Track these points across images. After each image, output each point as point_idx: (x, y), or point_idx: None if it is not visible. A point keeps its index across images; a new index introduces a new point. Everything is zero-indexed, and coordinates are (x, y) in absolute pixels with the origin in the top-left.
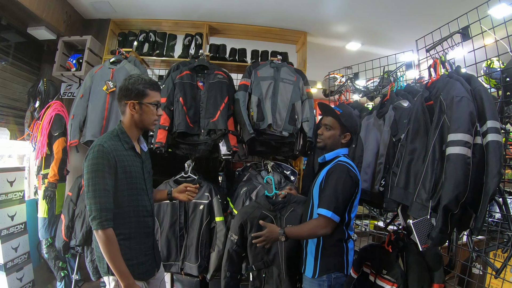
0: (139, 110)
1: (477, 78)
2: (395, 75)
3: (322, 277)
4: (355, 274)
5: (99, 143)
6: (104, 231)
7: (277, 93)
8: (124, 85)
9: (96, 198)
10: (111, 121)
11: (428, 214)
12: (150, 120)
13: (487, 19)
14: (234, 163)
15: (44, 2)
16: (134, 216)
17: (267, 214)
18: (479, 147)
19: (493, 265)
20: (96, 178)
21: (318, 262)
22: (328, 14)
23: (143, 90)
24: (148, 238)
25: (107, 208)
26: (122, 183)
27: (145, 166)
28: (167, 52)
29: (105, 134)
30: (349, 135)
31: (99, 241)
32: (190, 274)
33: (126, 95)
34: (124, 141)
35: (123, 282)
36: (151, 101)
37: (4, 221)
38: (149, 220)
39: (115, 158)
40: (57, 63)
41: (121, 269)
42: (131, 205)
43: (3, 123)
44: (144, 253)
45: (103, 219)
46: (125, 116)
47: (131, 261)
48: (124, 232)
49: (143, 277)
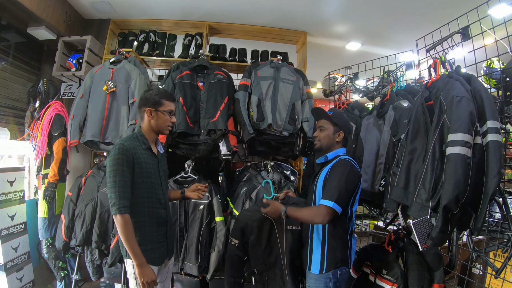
0: (155, 116)
1: (477, 78)
2: (395, 75)
3: (329, 274)
4: (355, 274)
5: (120, 142)
6: (122, 216)
7: (277, 93)
8: (144, 96)
9: (116, 187)
10: (111, 121)
11: (428, 214)
12: (164, 125)
13: (487, 19)
14: (234, 163)
15: (44, 2)
16: (148, 207)
17: (267, 217)
18: (479, 147)
19: (493, 265)
20: (116, 171)
21: (325, 256)
22: (328, 14)
23: (159, 100)
24: (162, 227)
25: (125, 196)
26: (139, 177)
27: (161, 165)
28: (167, 52)
29: (126, 136)
30: (342, 133)
31: (117, 225)
32: (190, 274)
33: (145, 103)
34: (142, 142)
35: (136, 261)
36: (165, 109)
37: (4, 221)
38: (162, 212)
39: (133, 155)
40: (57, 63)
41: (135, 250)
42: (146, 196)
43: (3, 123)
44: (157, 240)
45: (121, 206)
46: (144, 122)
47: (144, 246)
48: (139, 220)
49: (155, 262)
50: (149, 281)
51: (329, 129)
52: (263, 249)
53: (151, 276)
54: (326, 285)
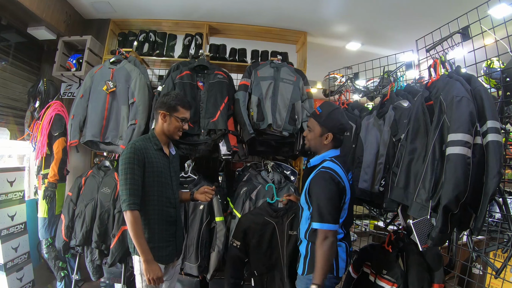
0: (168, 120)
1: (477, 78)
2: (395, 75)
3: (310, 275)
4: (355, 274)
5: (132, 142)
6: (131, 212)
7: (277, 93)
8: (162, 99)
9: (127, 185)
10: (111, 121)
11: (428, 214)
12: (175, 131)
13: (487, 19)
14: (234, 163)
15: (44, 2)
16: (158, 205)
17: (269, 221)
18: (479, 147)
19: (493, 265)
20: (127, 169)
21: (308, 260)
22: (328, 14)
23: (175, 105)
24: (171, 226)
25: (135, 194)
26: (149, 176)
27: (172, 166)
28: (167, 52)
29: (139, 137)
30: (331, 135)
31: (126, 221)
32: (190, 274)
33: (161, 106)
34: (153, 143)
35: (143, 257)
36: (179, 116)
37: (4, 221)
38: (171, 211)
39: (144, 155)
40: (57, 63)
41: (142, 246)
42: (156, 195)
43: (3, 123)
44: (166, 239)
45: (131, 202)
46: (157, 124)
47: (152, 244)
48: (148, 218)
49: (162, 260)
50: (155, 277)
51: (315, 130)
52: (264, 251)
53: (157, 273)
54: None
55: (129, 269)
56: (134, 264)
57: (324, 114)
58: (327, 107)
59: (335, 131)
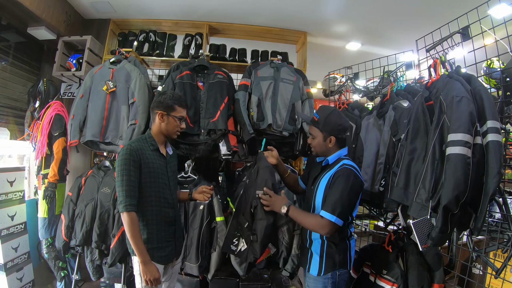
0: (166, 120)
1: (477, 78)
2: (395, 75)
3: (327, 275)
4: (355, 274)
5: (128, 144)
6: (128, 214)
7: (277, 93)
8: (158, 98)
9: (123, 186)
10: (111, 121)
11: (428, 214)
12: (173, 130)
13: (487, 19)
14: (234, 163)
15: (44, 2)
16: (156, 206)
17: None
18: (479, 147)
19: (493, 265)
20: (124, 171)
21: (324, 261)
22: (328, 14)
23: (172, 104)
24: (169, 226)
25: (131, 195)
26: (146, 177)
27: (170, 166)
28: (167, 52)
29: (135, 138)
30: (333, 138)
31: (123, 222)
32: (191, 274)
33: (158, 106)
34: (150, 144)
35: (140, 258)
36: (177, 115)
37: (4, 221)
38: (169, 211)
39: (140, 156)
40: (57, 63)
41: (139, 247)
42: (153, 195)
43: (3, 123)
44: (165, 239)
45: (127, 204)
46: (154, 124)
47: (151, 245)
48: (146, 218)
49: (162, 261)
50: (152, 278)
51: (318, 136)
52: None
53: (154, 274)
54: (325, 286)
55: (129, 269)
56: (133, 264)
57: (322, 120)
58: (323, 112)
59: (335, 133)
